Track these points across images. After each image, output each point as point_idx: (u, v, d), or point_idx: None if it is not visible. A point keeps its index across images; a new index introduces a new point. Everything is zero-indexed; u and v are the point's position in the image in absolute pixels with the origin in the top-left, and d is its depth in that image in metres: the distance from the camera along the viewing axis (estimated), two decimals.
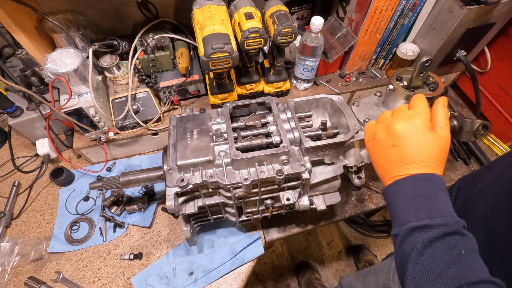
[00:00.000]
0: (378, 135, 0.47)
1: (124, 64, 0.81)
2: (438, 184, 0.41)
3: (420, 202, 0.40)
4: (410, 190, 0.42)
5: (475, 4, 0.75)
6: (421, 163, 0.42)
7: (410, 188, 0.42)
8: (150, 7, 0.84)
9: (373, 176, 0.90)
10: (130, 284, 0.71)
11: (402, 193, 0.42)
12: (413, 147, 0.43)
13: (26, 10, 0.68)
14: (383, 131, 0.47)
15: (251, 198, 0.62)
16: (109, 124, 0.83)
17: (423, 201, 0.40)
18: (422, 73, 0.59)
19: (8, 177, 0.90)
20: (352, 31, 0.88)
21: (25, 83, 0.78)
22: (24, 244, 0.77)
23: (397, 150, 0.44)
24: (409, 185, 0.42)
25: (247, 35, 0.68)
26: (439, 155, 0.43)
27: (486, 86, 1.00)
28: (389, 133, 0.46)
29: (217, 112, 0.68)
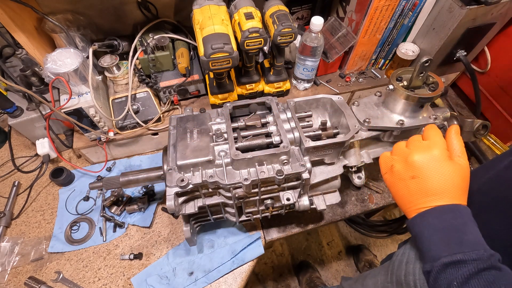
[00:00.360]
0: (396, 167, 0.47)
1: (124, 64, 0.81)
2: (464, 214, 0.41)
3: (450, 235, 0.39)
4: (437, 223, 0.41)
5: (475, 4, 0.75)
6: (445, 193, 0.42)
7: (437, 220, 0.41)
8: (150, 7, 0.84)
9: (373, 176, 0.90)
10: (130, 284, 0.71)
11: (429, 226, 0.41)
12: (434, 178, 0.42)
13: (26, 10, 0.68)
14: (401, 162, 0.47)
15: (251, 198, 0.62)
16: (109, 124, 0.83)
17: (452, 234, 0.39)
18: (422, 73, 0.59)
19: (8, 177, 0.90)
20: (352, 31, 0.88)
21: (25, 83, 0.78)
22: (24, 244, 0.77)
23: (418, 182, 0.43)
24: (435, 217, 0.41)
25: (247, 35, 0.68)
26: (461, 184, 0.43)
27: (486, 86, 1.00)
28: (407, 165, 0.45)
29: (217, 112, 0.68)
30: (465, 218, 0.40)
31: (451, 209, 0.41)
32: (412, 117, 0.62)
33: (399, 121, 0.61)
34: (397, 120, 0.62)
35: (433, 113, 0.63)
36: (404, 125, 0.61)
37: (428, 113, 0.63)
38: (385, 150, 0.70)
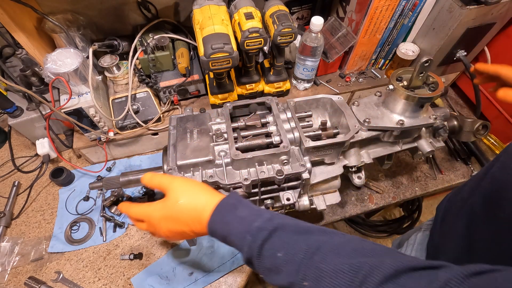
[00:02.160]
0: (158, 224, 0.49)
1: (124, 64, 0.81)
2: (232, 199, 0.45)
3: (240, 218, 0.43)
4: (223, 217, 0.44)
5: (475, 4, 0.75)
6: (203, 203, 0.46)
7: (222, 216, 0.44)
8: (150, 7, 0.84)
9: (373, 176, 0.91)
10: (130, 284, 0.71)
11: (223, 223, 0.44)
12: (185, 200, 0.47)
13: (26, 10, 0.68)
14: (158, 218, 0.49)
15: (251, 198, 0.62)
16: (109, 124, 0.83)
17: (239, 215, 0.43)
18: (422, 73, 0.59)
19: (8, 177, 0.90)
20: (352, 31, 0.88)
21: (25, 83, 0.78)
22: (24, 244, 0.77)
23: (182, 214, 0.47)
24: (219, 216, 0.44)
25: (247, 35, 0.68)
26: (204, 188, 0.49)
27: (486, 86, 1.00)
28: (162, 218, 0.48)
29: (217, 112, 0.68)
30: (235, 201, 0.45)
31: (222, 205, 0.45)
32: (412, 117, 0.62)
33: (399, 121, 0.61)
34: (397, 120, 0.62)
35: (433, 113, 0.63)
36: (404, 125, 0.61)
37: (428, 113, 0.63)
38: (385, 150, 0.71)
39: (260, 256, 0.39)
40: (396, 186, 0.89)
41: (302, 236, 0.39)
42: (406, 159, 0.95)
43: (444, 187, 0.90)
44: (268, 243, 0.39)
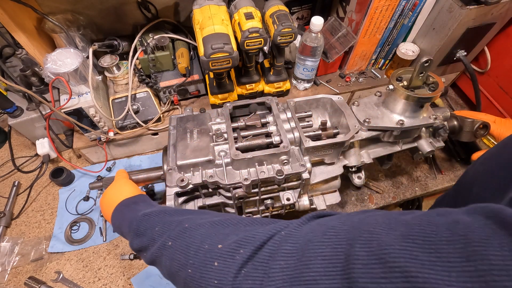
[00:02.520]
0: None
1: (124, 64, 0.81)
2: (136, 200, 0.54)
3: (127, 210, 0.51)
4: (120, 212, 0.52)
5: (475, 4, 0.75)
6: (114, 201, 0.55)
7: (120, 212, 0.52)
8: (150, 7, 0.84)
9: (373, 176, 0.90)
10: (130, 284, 0.71)
11: (120, 217, 0.52)
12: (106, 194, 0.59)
13: (26, 10, 0.68)
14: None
15: (251, 198, 0.62)
16: (109, 124, 0.83)
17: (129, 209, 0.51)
18: (422, 73, 0.59)
19: (8, 177, 0.90)
20: (352, 31, 0.88)
21: (25, 83, 0.78)
22: (24, 244, 0.77)
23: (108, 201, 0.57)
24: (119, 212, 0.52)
25: (247, 35, 0.68)
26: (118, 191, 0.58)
27: (486, 86, 1.00)
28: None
29: (217, 112, 0.68)
30: (137, 199, 0.53)
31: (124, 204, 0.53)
32: (412, 117, 0.62)
33: (399, 121, 0.61)
34: (397, 120, 0.62)
35: (433, 113, 0.63)
36: (404, 125, 0.61)
37: (428, 113, 0.63)
38: (385, 150, 0.71)
39: (138, 232, 0.44)
40: (396, 186, 0.89)
41: (183, 216, 0.44)
42: (406, 159, 0.95)
43: (444, 187, 0.90)
44: (148, 221, 0.44)
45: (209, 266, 0.33)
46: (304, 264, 0.28)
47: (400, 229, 0.25)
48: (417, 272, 0.22)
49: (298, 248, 0.30)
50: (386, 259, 0.24)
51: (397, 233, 0.25)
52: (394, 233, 0.25)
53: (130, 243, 0.46)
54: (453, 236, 0.22)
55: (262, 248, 0.32)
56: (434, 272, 0.21)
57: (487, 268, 0.20)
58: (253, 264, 0.31)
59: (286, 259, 0.30)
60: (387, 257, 0.24)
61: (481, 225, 0.22)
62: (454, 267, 0.21)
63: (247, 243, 0.33)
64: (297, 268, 0.28)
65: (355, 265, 0.25)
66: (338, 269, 0.26)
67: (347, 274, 0.25)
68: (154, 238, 0.42)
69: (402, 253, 0.23)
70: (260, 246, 0.32)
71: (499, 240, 0.21)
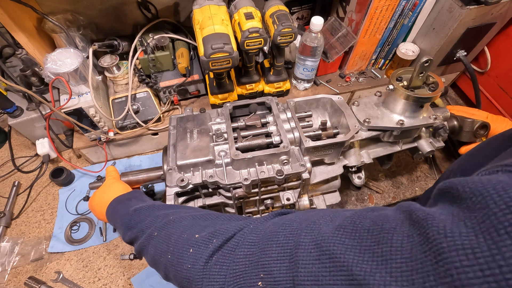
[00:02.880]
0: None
1: (124, 64, 0.81)
2: (128, 197, 0.56)
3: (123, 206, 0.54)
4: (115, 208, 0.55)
5: (475, 4, 0.75)
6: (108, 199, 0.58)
7: (115, 207, 0.55)
8: (150, 7, 0.84)
9: (373, 176, 0.90)
10: (130, 284, 0.71)
11: (115, 212, 0.54)
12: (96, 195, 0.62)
13: (26, 10, 0.68)
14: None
15: (251, 198, 0.62)
16: (109, 124, 0.83)
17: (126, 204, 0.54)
18: (422, 73, 0.59)
19: (8, 177, 0.90)
20: (352, 31, 0.88)
21: (25, 83, 0.78)
22: (24, 244, 0.77)
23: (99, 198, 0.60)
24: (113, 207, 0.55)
25: (247, 35, 0.68)
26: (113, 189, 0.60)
27: (486, 86, 1.00)
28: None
29: (217, 112, 0.68)
30: (130, 196, 0.56)
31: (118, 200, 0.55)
32: (412, 117, 0.62)
33: (399, 121, 0.61)
34: (397, 120, 0.62)
35: (433, 113, 0.63)
36: (404, 125, 0.61)
37: (428, 113, 0.63)
38: (385, 150, 0.71)
39: (130, 225, 0.48)
40: (396, 186, 0.89)
41: (170, 209, 0.47)
42: (406, 159, 0.95)
43: None
44: (138, 215, 0.48)
45: (185, 252, 0.38)
46: (263, 251, 0.33)
47: (338, 221, 0.30)
48: (340, 254, 0.26)
49: (260, 238, 0.34)
50: (321, 244, 0.28)
51: (335, 223, 0.30)
52: (333, 224, 0.30)
53: (123, 236, 0.50)
54: (373, 226, 0.27)
55: (232, 239, 0.37)
56: (353, 253, 0.26)
57: (388, 249, 0.24)
58: (222, 251, 0.36)
59: (249, 247, 0.34)
60: (322, 242, 0.28)
61: (395, 218, 0.27)
62: (368, 250, 0.25)
63: (220, 234, 0.37)
64: (257, 254, 0.33)
65: (299, 250, 0.30)
66: (287, 254, 0.31)
67: (293, 257, 0.30)
68: (143, 230, 0.46)
69: (333, 239, 0.28)
70: (230, 237, 0.37)
71: (402, 229, 0.25)
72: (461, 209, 0.23)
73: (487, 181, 0.22)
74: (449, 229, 0.21)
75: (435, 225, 0.22)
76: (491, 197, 0.21)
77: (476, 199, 0.22)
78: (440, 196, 0.27)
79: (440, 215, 0.23)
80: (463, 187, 0.23)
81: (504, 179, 0.22)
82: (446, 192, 0.26)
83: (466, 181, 0.24)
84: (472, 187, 0.23)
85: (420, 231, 0.23)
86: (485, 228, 0.20)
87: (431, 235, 0.22)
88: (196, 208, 0.49)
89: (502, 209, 0.20)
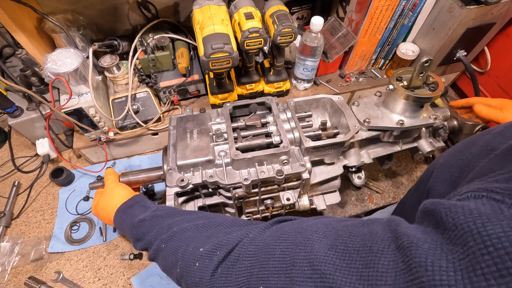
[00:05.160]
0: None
1: (124, 64, 0.81)
2: (132, 202, 0.58)
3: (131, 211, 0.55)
4: (122, 215, 0.56)
5: (475, 4, 0.75)
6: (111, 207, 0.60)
7: (122, 214, 0.56)
8: (150, 7, 0.84)
9: (373, 176, 0.90)
10: (130, 284, 0.71)
11: (122, 219, 0.56)
12: (103, 200, 0.62)
13: (26, 10, 0.68)
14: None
15: (251, 198, 0.62)
16: (109, 124, 0.83)
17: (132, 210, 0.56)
18: (422, 73, 0.59)
19: (8, 177, 0.90)
20: (352, 31, 0.88)
21: (25, 83, 0.78)
22: (24, 244, 0.77)
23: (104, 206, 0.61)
24: (120, 214, 0.57)
25: (247, 35, 0.68)
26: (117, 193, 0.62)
27: (486, 86, 1.00)
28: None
29: (217, 112, 0.68)
30: (132, 202, 0.57)
31: (122, 208, 0.57)
32: (412, 117, 0.62)
33: (399, 121, 0.61)
34: (397, 120, 0.62)
35: (433, 113, 0.63)
36: (404, 125, 0.61)
37: (428, 113, 0.63)
38: (385, 150, 0.71)
39: (138, 237, 0.50)
40: (396, 186, 0.89)
41: (173, 218, 0.49)
42: (406, 159, 0.95)
43: None
44: (143, 227, 0.49)
45: (192, 266, 0.40)
46: (261, 264, 0.34)
47: (331, 239, 0.31)
48: (330, 275, 0.27)
49: (259, 250, 0.36)
50: (313, 263, 0.29)
51: (327, 241, 0.31)
52: (325, 242, 0.31)
53: (134, 246, 0.52)
54: (363, 246, 0.28)
55: (233, 250, 0.38)
56: (341, 275, 0.27)
57: (374, 274, 0.25)
58: (226, 264, 0.37)
59: (249, 260, 0.36)
60: (314, 261, 0.29)
61: (384, 238, 0.27)
62: (355, 272, 0.26)
63: (223, 246, 0.39)
64: (256, 267, 0.34)
65: (294, 267, 0.31)
66: (283, 269, 0.32)
67: (289, 273, 0.31)
68: (151, 241, 0.48)
69: (325, 259, 0.29)
70: (232, 249, 0.38)
71: (389, 252, 0.26)
72: (445, 239, 0.23)
73: (468, 213, 0.22)
74: (430, 261, 0.22)
75: (418, 256, 0.23)
76: (471, 233, 0.21)
77: (458, 232, 0.22)
78: (426, 215, 0.27)
79: (424, 242, 0.23)
80: (447, 216, 0.24)
81: (485, 210, 0.22)
82: (431, 215, 0.26)
83: (449, 209, 0.24)
84: (455, 218, 0.23)
85: (403, 259, 0.24)
86: (464, 266, 0.20)
87: (413, 266, 0.22)
88: (197, 214, 0.50)
89: (480, 248, 0.20)
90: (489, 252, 0.19)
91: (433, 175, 0.50)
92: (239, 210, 0.67)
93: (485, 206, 0.22)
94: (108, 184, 0.64)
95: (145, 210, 0.53)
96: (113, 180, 0.65)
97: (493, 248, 0.19)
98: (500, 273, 0.18)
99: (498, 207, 0.21)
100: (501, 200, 0.22)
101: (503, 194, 0.22)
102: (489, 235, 0.20)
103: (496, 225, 0.20)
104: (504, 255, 0.19)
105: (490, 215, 0.21)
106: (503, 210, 0.21)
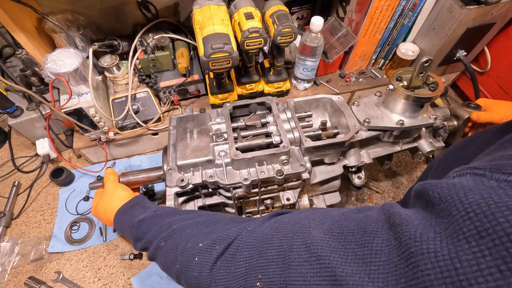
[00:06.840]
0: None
1: (124, 64, 0.81)
2: (132, 203, 0.58)
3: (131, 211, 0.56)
4: (122, 216, 0.57)
5: (475, 4, 0.75)
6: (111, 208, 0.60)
7: (122, 215, 0.57)
8: (150, 7, 0.84)
9: (373, 176, 0.90)
10: (130, 284, 0.71)
11: (123, 220, 0.56)
12: (103, 202, 0.62)
13: (26, 10, 0.68)
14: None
15: (251, 198, 0.62)
16: (109, 124, 0.83)
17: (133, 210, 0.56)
18: (422, 73, 0.59)
19: (8, 177, 0.90)
20: (352, 31, 0.88)
21: (25, 83, 0.78)
22: (24, 244, 0.77)
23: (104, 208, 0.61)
24: (120, 215, 0.57)
25: (247, 35, 0.68)
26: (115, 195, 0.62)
27: (486, 86, 1.00)
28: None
29: (217, 112, 0.68)
30: (132, 204, 0.57)
31: (122, 209, 0.57)
32: (412, 117, 0.62)
33: (399, 121, 0.61)
34: (397, 120, 0.62)
35: (433, 113, 0.63)
36: (404, 125, 0.61)
37: (428, 113, 0.63)
38: (385, 150, 0.71)
39: (137, 237, 0.50)
40: (396, 186, 0.89)
41: (172, 217, 0.49)
42: (406, 159, 0.95)
43: None
44: (142, 226, 0.50)
45: (191, 261, 0.40)
46: (260, 254, 0.35)
47: (327, 224, 0.32)
48: (326, 256, 0.28)
49: (258, 241, 0.37)
50: (310, 247, 0.30)
51: (324, 227, 0.32)
52: (322, 227, 0.32)
53: (134, 246, 0.52)
54: (357, 229, 0.29)
55: (232, 244, 0.39)
56: (337, 256, 0.28)
57: (369, 252, 0.26)
58: (225, 257, 0.38)
59: (248, 250, 0.36)
60: (311, 245, 0.30)
61: (378, 220, 0.28)
62: (351, 252, 0.27)
63: (222, 240, 0.40)
64: (255, 257, 0.35)
65: (292, 252, 0.31)
66: (281, 256, 0.33)
67: (286, 259, 0.32)
68: (150, 240, 0.48)
69: (321, 243, 0.30)
70: (231, 243, 0.39)
71: (382, 232, 0.27)
72: (433, 215, 0.24)
73: (452, 186, 0.23)
74: (419, 234, 0.23)
75: (408, 231, 0.24)
76: (454, 203, 0.22)
77: (443, 205, 0.23)
78: (417, 197, 0.28)
79: (414, 219, 0.25)
80: (433, 192, 0.25)
81: (468, 183, 0.23)
82: (421, 195, 0.27)
83: (436, 186, 0.25)
84: (440, 193, 0.24)
85: (396, 235, 0.25)
86: (449, 234, 0.22)
87: (404, 240, 0.24)
88: (196, 213, 0.51)
89: (462, 215, 0.21)
90: (470, 218, 0.21)
91: (431, 172, 0.50)
92: (239, 210, 0.67)
93: (468, 180, 0.24)
94: (108, 185, 0.64)
95: (145, 210, 0.54)
96: (113, 181, 0.65)
97: (474, 213, 0.20)
98: (480, 235, 0.20)
99: (480, 180, 0.23)
100: (482, 174, 0.23)
101: (484, 169, 0.24)
102: (470, 203, 0.21)
103: (476, 193, 0.21)
104: (483, 218, 0.20)
105: (472, 186, 0.22)
106: (484, 182, 0.22)
